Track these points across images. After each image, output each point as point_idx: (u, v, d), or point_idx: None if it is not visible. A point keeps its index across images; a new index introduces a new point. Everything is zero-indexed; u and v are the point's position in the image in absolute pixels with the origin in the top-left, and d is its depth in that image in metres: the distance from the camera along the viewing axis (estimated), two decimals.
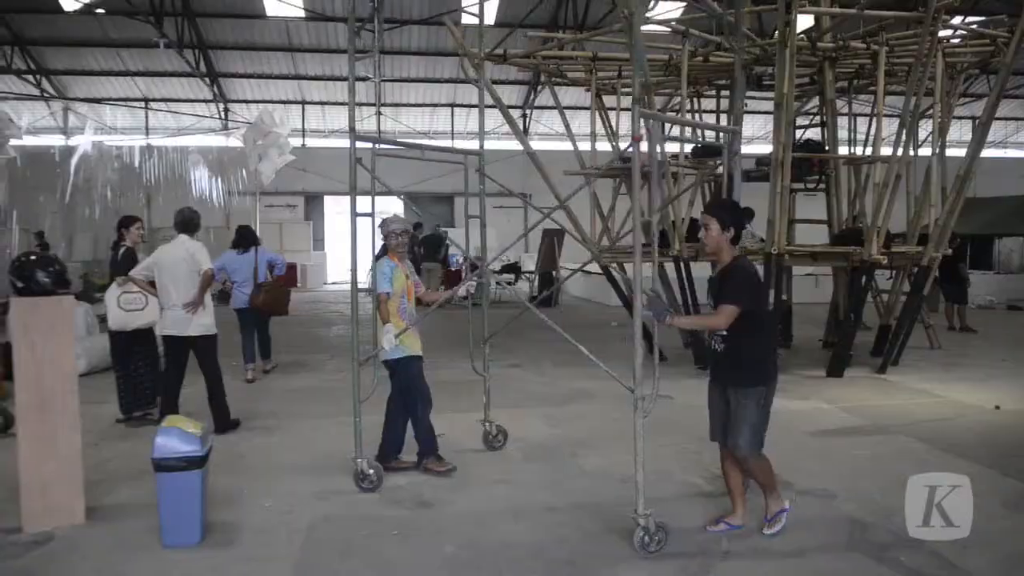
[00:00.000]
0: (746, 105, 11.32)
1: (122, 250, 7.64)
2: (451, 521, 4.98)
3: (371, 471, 5.51)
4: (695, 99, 11.96)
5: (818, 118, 11.55)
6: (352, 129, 5.35)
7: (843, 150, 11.63)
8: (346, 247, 5.62)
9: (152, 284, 7.12)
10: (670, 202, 9.59)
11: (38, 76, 23.85)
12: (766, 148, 11.89)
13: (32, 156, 19.94)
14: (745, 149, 14.16)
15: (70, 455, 4.87)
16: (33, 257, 5.14)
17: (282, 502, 5.31)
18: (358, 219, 5.47)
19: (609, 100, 11.88)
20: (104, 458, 6.22)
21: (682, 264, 9.82)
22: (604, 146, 11.77)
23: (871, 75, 10.48)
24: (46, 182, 20.53)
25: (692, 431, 7.03)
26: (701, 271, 10.35)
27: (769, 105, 10.40)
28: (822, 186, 11.05)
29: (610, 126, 11.65)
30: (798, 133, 11.19)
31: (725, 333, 4.45)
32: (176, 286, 6.85)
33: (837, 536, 4.68)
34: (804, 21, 10.72)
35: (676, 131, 9.70)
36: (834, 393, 8.73)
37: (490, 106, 25.42)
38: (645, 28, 9.99)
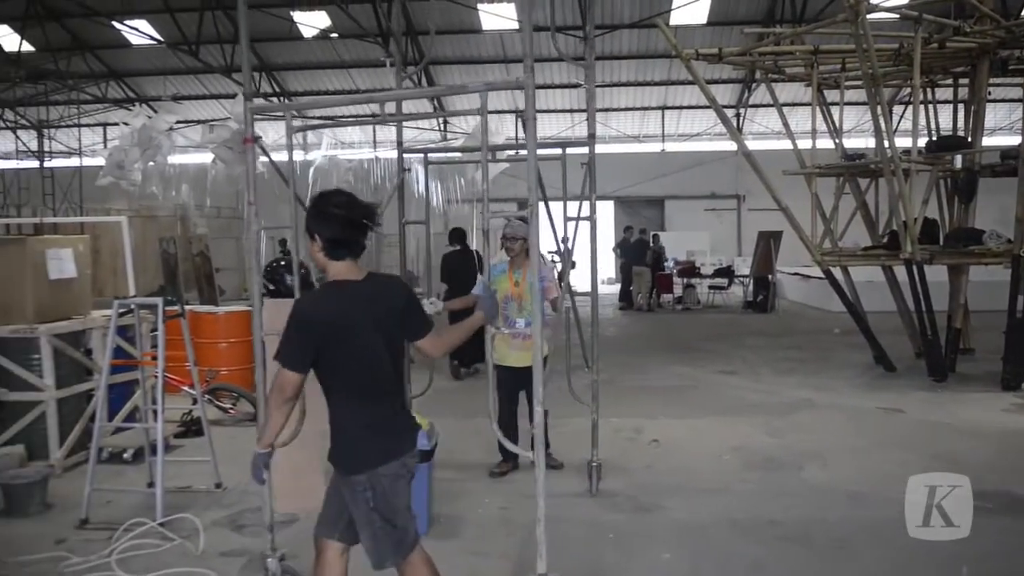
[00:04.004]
0: (990, 93, 10.33)
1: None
2: (668, 528, 4.93)
3: None
4: (928, 89, 11.10)
5: None
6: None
7: None
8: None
9: None
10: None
11: (281, 98, 26.21)
12: (1013, 140, 10.83)
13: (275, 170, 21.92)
14: (987, 141, 12.92)
15: (314, 443, 5.29)
16: (283, 263, 5.68)
17: (500, 499, 5.50)
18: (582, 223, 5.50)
19: (831, 95, 11.29)
20: None
21: (915, 267, 9.12)
22: (825, 143, 11.20)
23: None
24: (287, 193, 22.50)
25: (923, 449, 6.55)
26: (936, 275, 9.61)
27: (1016, 92, 9.48)
28: None
29: (832, 122, 11.07)
30: None
31: None
32: None
33: None
34: None
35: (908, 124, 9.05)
36: None
37: (703, 106, 24.73)
38: (872, 16, 9.41)
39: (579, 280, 6.87)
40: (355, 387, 3.11)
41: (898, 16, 10.32)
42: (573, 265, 5.69)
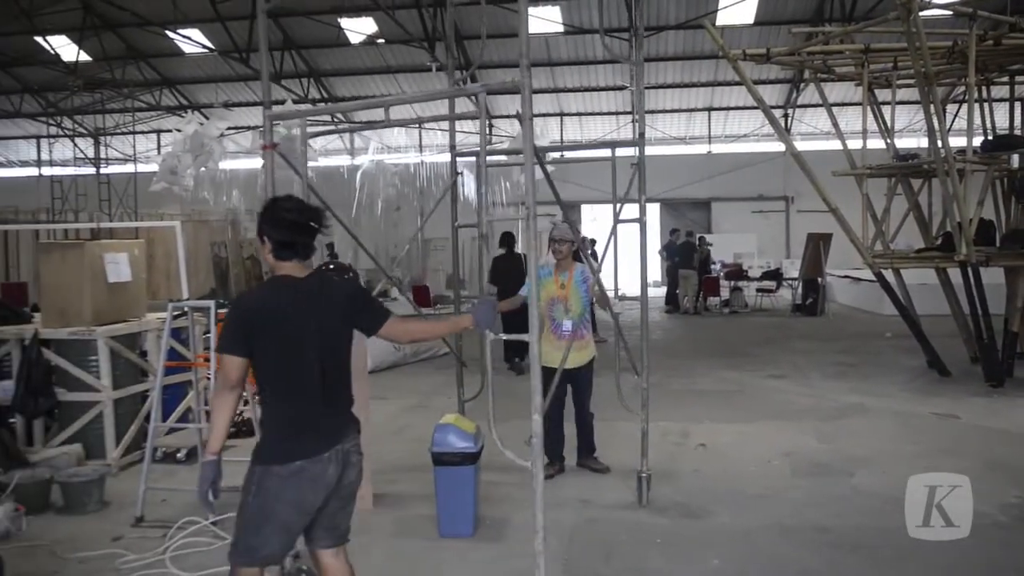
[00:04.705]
0: None
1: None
2: (716, 534, 4.89)
3: None
4: (983, 87, 10.84)
5: None
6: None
7: None
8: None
9: None
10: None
11: (328, 103, 26.57)
12: None
13: (324, 175, 22.22)
14: None
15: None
16: (332, 266, 5.76)
17: (546, 503, 5.47)
18: (624, 225, 5.48)
19: (882, 94, 11.09)
20: (386, 450, 6.76)
21: (970, 270, 8.91)
22: (876, 143, 11.00)
23: None
24: (335, 198, 22.77)
25: (979, 455, 6.40)
26: (992, 278, 9.39)
27: None
28: None
29: (884, 121, 10.87)
30: None
31: None
32: None
33: None
34: None
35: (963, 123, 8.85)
36: None
37: (750, 107, 24.30)
38: (924, 14, 9.23)
39: (627, 284, 6.85)
40: (276, 379, 3.09)
41: (952, 13, 10.12)
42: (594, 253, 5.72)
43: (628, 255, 5.89)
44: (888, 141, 10.82)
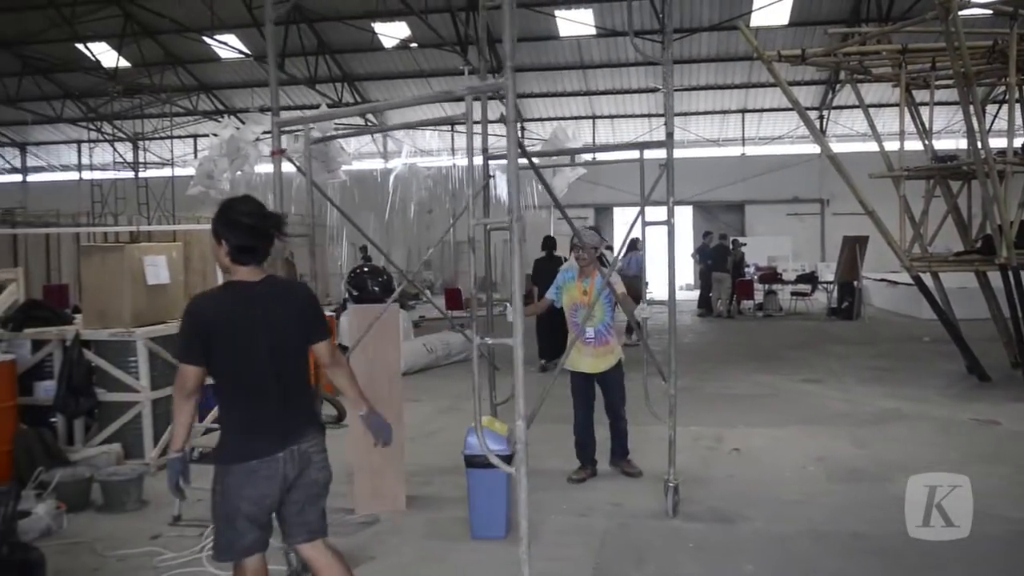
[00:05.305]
0: None
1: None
2: (749, 539, 4.85)
3: None
4: None
5: None
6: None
7: None
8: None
9: None
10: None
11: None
12: None
13: (358, 178, 22.42)
14: None
15: (394, 447, 5.37)
16: (366, 269, 5.82)
17: (578, 506, 5.49)
18: (653, 227, 5.46)
19: (920, 95, 10.93)
20: (419, 451, 6.79)
21: (1011, 273, 8.75)
22: (914, 145, 10.84)
23: None
24: (369, 201, 23.00)
25: (1020, 462, 6.30)
26: None
27: None
28: None
29: (921, 123, 10.71)
30: None
31: None
32: None
33: None
34: None
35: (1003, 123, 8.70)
36: None
37: (785, 109, 24.14)
38: (964, 13, 9.08)
39: (657, 287, 6.84)
40: (231, 384, 3.16)
41: (992, 12, 9.95)
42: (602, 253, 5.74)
43: (658, 258, 5.86)
44: (926, 142, 10.65)
